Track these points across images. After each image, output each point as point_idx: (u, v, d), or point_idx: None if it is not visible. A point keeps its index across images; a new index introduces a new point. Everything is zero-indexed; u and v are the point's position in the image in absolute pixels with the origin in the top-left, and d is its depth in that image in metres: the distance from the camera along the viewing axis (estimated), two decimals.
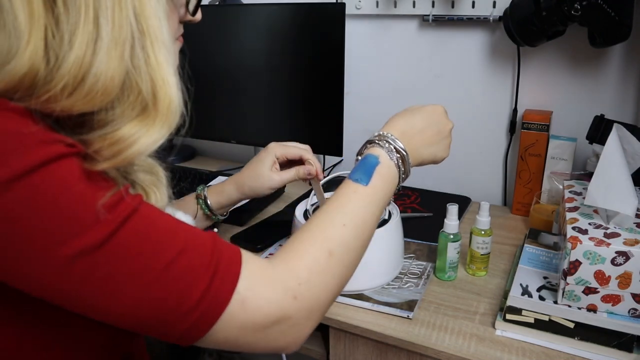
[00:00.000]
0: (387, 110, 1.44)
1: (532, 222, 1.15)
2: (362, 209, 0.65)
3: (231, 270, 0.52)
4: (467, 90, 1.34)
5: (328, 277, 0.58)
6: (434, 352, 0.81)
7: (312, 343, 0.99)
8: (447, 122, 0.81)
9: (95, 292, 0.47)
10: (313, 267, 0.57)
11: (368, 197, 0.66)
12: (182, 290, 0.49)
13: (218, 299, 0.51)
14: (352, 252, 0.62)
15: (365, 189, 0.66)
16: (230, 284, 0.52)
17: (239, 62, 1.44)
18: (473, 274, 1.00)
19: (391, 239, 0.95)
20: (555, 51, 1.22)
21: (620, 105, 1.19)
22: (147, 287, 0.48)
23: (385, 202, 0.69)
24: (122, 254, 0.47)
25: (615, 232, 0.78)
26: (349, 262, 0.62)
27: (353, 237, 0.62)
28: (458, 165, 1.40)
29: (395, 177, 0.70)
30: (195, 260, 0.50)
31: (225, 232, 1.19)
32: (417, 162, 0.75)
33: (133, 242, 0.48)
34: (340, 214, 0.63)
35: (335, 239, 0.61)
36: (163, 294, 0.48)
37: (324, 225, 0.62)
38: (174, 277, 0.49)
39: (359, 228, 0.63)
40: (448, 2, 1.27)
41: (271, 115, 1.45)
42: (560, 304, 0.80)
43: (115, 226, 0.47)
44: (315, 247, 0.59)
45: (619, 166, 0.83)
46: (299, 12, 1.34)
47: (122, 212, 0.48)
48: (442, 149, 0.79)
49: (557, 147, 1.18)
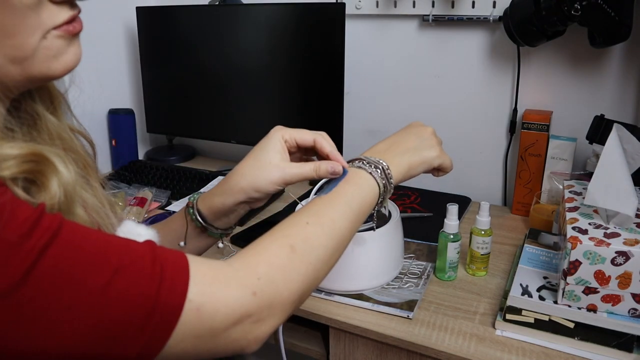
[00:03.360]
0: (387, 110, 1.45)
1: (532, 222, 1.15)
2: (328, 208, 0.62)
3: (178, 277, 0.47)
4: (467, 90, 1.34)
5: (291, 274, 0.54)
6: (434, 352, 0.81)
7: (312, 343, 0.99)
8: (426, 127, 0.77)
9: (28, 334, 0.41)
10: (273, 262, 0.54)
11: (337, 199, 0.63)
12: (126, 312, 0.44)
13: (168, 312, 0.46)
14: (319, 249, 0.58)
15: (329, 194, 0.63)
16: (180, 293, 0.47)
17: (239, 62, 1.44)
18: (473, 274, 1.00)
19: (391, 239, 0.95)
20: (555, 51, 1.22)
21: (620, 105, 1.19)
22: (86, 317, 0.43)
23: (360, 204, 0.65)
24: (47, 288, 0.41)
25: (615, 232, 0.78)
26: (316, 260, 0.57)
27: (318, 235, 0.58)
28: (458, 165, 1.39)
29: (369, 181, 0.66)
30: (135, 275, 0.45)
31: None
32: (402, 169, 0.71)
33: (58, 272, 0.42)
34: (303, 214, 0.60)
35: (296, 235, 0.57)
36: (105, 320, 0.43)
37: (285, 225, 0.59)
38: (114, 299, 0.44)
39: (326, 226, 0.59)
40: (448, 2, 1.27)
41: (271, 115, 1.45)
42: (560, 304, 0.80)
43: (33, 259, 0.40)
44: (275, 243, 0.56)
45: (619, 166, 0.83)
46: (299, 12, 1.35)
47: (40, 239, 0.41)
48: (425, 147, 0.74)
49: (557, 147, 1.18)
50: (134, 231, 0.58)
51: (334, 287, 0.93)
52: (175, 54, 1.53)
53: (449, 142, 1.39)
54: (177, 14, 1.52)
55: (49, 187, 0.46)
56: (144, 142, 1.78)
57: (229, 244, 1.13)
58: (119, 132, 1.62)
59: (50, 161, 0.47)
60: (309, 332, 1.00)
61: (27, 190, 0.46)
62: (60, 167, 0.47)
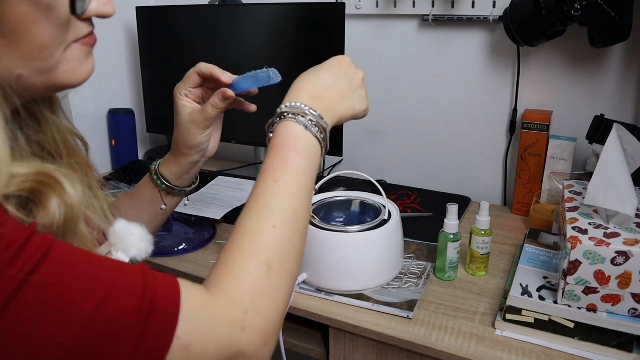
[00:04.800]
0: (387, 110, 1.45)
1: (532, 222, 1.15)
2: (290, 198, 0.58)
3: (168, 310, 0.46)
4: (467, 90, 1.34)
5: (274, 293, 0.53)
6: (434, 352, 0.81)
7: (312, 343, 0.99)
8: (357, 71, 0.71)
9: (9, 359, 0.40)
10: (254, 288, 0.51)
11: (293, 182, 0.59)
12: (111, 344, 0.42)
13: (156, 347, 0.44)
14: (291, 252, 0.56)
15: (287, 173, 0.59)
16: (169, 329, 0.45)
17: (239, 62, 1.44)
18: (473, 274, 1.00)
19: (391, 239, 0.95)
20: (555, 51, 1.22)
21: (620, 105, 1.19)
22: (69, 347, 0.41)
23: (313, 180, 0.62)
24: (29, 317, 0.39)
25: (615, 232, 0.78)
26: (291, 265, 0.56)
27: (288, 236, 0.56)
28: (458, 165, 1.40)
29: (317, 149, 0.63)
30: (124, 305, 0.43)
31: (225, 232, 1.19)
32: (335, 121, 0.67)
33: (41, 300, 0.40)
34: (267, 213, 0.56)
35: (267, 246, 0.54)
36: (88, 351, 0.42)
37: (253, 233, 0.55)
38: (99, 330, 0.42)
39: (291, 223, 0.57)
40: (448, 2, 1.27)
41: (271, 115, 1.45)
42: (560, 304, 0.80)
43: (15, 286, 0.39)
44: (250, 264, 0.53)
45: (619, 166, 0.83)
46: (299, 12, 1.34)
47: (25, 264, 0.40)
48: (358, 100, 0.70)
49: (557, 147, 1.18)
50: (127, 230, 0.58)
51: (334, 287, 0.93)
52: (175, 54, 1.53)
53: (449, 142, 1.40)
54: (177, 14, 1.52)
55: (48, 207, 0.45)
56: (144, 142, 1.78)
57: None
58: (119, 132, 1.62)
59: (58, 181, 0.46)
60: (309, 332, 1.00)
61: (26, 208, 0.45)
62: (68, 188, 0.47)
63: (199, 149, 0.80)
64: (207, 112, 0.76)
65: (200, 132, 0.78)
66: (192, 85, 0.78)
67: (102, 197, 0.61)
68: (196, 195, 1.33)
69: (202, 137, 0.79)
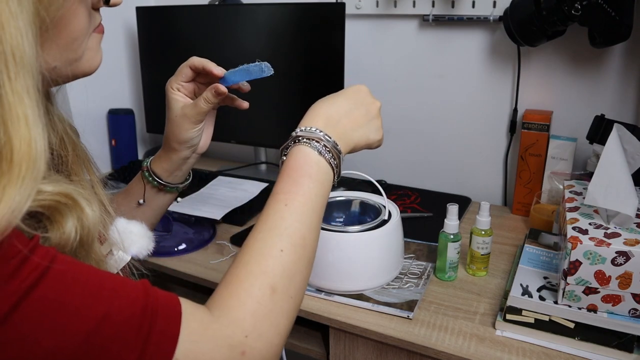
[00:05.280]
0: (387, 110, 1.44)
1: (532, 222, 1.15)
2: (299, 223, 0.58)
3: (168, 331, 0.45)
4: (467, 90, 1.34)
5: (277, 317, 0.52)
6: (434, 352, 0.81)
7: (312, 343, 0.99)
8: (374, 100, 0.71)
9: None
10: (257, 311, 0.51)
11: (303, 207, 0.59)
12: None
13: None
14: (296, 277, 0.56)
15: (298, 198, 0.59)
16: (167, 350, 0.44)
17: (239, 62, 1.43)
18: (473, 274, 1.00)
19: (391, 239, 0.95)
20: (555, 51, 1.22)
21: (620, 105, 1.19)
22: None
23: (323, 206, 0.62)
24: (26, 333, 0.39)
25: (615, 232, 0.78)
26: (295, 290, 0.56)
27: (294, 261, 0.56)
28: (458, 165, 1.40)
29: (330, 176, 0.63)
30: (123, 325, 0.43)
31: (225, 232, 1.19)
32: (349, 149, 0.67)
33: (40, 317, 0.39)
34: (275, 236, 0.56)
35: (274, 271, 0.54)
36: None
37: (260, 255, 0.55)
38: (97, 348, 0.41)
39: (299, 248, 0.57)
40: (448, 2, 1.27)
41: (271, 115, 1.45)
42: (561, 304, 0.79)
43: (14, 301, 0.38)
44: (255, 286, 0.52)
45: (619, 166, 0.83)
46: (298, 12, 1.34)
47: (28, 277, 0.39)
48: (373, 130, 0.70)
49: (557, 147, 1.18)
50: (127, 228, 0.58)
51: (334, 287, 0.93)
52: (175, 54, 1.53)
53: (449, 142, 1.40)
54: (177, 14, 1.52)
55: (64, 227, 0.45)
56: (143, 142, 1.78)
57: (229, 244, 1.13)
58: (118, 132, 1.62)
59: (78, 203, 0.46)
60: (309, 332, 1.00)
61: (39, 222, 0.44)
62: (87, 209, 0.47)
63: (189, 144, 0.79)
64: (199, 107, 0.76)
65: (191, 126, 0.77)
66: (184, 79, 0.78)
67: (102, 193, 0.61)
68: (196, 196, 1.33)
69: (193, 131, 0.78)
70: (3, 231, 0.38)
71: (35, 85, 0.41)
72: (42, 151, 0.41)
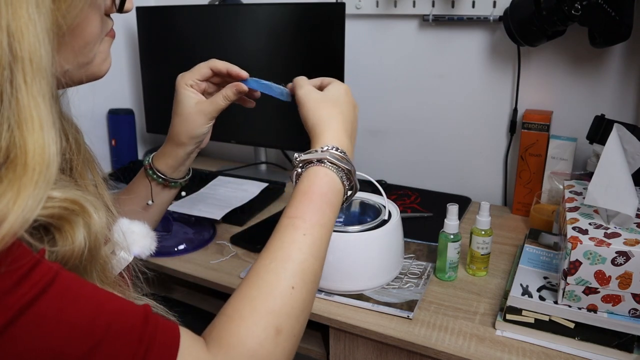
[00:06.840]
0: (387, 110, 1.45)
1: (532, 222, 1.15)
2: (314, 258, 0.55)
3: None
4: (467, 90, 1.34)
5: (278, 357, 0.50)
6: (434, 352, 0.81)
7: (312, 343, 0.99)
8: (355, 104, 0.72)
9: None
10: (257, 353, 0.48)
11: (321, 240, 0.57)
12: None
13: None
14: (303, 314, 0.54)
15: (317, 229, 0.57)
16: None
17: (239, 62, 1.43)
18: (473, 274, 1.00)
19: (391, 239, 0.95)
20: (555, 51, 1.22)
21: (620, 105, 1.19)
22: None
23: (331, 229, 0.60)
24: (20, 351, 0.38)
25: (615, 232, 0.78)
26: (299, 330, 0.53)
27: (303, 299, 0.53)
28: (458, 165, 1.40)
29: (342, 196, 0.62)
30: (118, 350, 0.42)
31: (225, 232, 1.19)
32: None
33: (34, 336, 0.38)
34: (288, 270, 0.53)
35: (282, 310, 0.51)
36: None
37: (269, 291, 0.52)
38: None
39: (310, 285, 0.54)
40: (448, 2, 1.27)
41: (271, 115, 1.45)
42: (561, 304, 0.79)
43: (10, 317, 0.37)
44: (259, 325, 0.49)
45: (619, 166, 0.83)
46: (298, 12, 1.34)
47: (28, 292, 0.38)
48: (355, 129, 0.71)
49: (557, 147, 1.18)
50: (129, 228, 0.58)
51: (334, 287, 0.93)
52: (175, 54, 1.53)
53: (449, 142, 1.40)
54: (177, 14, 1.52)
55: (74, 238, 0.44)
56: (144, 142, 1.78)
57: (229, 244, 1.13)
58: (118, 132, 1.62)
59: (85, 209, 0.45)
60: (309, 332, 1.00)
61: (48, 234, 0.43)
62: (94, 216, 0.46)
63: (200, 138, 0.80)
64: (217, 103, 0.77)
65: (206, 122, 0.78)
66: (200, 77, 0.79)
67: (106, 194, 0.61)
68: (196, 195, 1.33)
69: (207, 127, 0.79)
70: (15, 234, 0.37)
71: (51, 90, 0.42)
72: (55, 156, 0.41)
